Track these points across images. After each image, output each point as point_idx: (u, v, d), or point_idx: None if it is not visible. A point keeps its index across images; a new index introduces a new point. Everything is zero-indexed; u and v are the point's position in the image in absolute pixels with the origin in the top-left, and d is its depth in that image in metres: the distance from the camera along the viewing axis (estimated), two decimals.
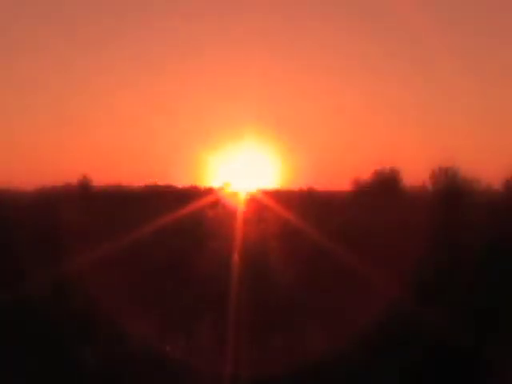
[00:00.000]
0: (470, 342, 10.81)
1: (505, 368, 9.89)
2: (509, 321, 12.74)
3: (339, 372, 9.66)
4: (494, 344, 11.17)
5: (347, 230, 39.27)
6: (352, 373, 9.55)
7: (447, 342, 11.02)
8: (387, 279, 18.40)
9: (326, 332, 11.88)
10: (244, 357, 10.48)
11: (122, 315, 13.69)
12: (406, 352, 10.58)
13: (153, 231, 38.04)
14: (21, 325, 12.72)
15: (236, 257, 23.88)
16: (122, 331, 12.13)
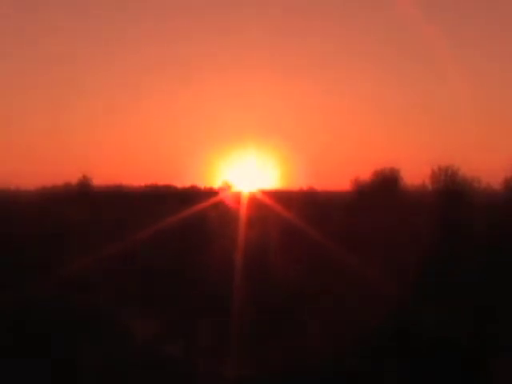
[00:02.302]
0: (470, 341, 10.84)
1: (504, 366, 9.90)
2: (508, 319, 12.78)
3: (340, 372, 9.66)
4: (492, 342, 11.20)
5: (347, 229, 39.28)
6: (352, 372, 9.53)
7: (447, 341, 11.06)
8: (387, 278, 18.45)
9: (327, 331, 11.90)
10: (245, 356, 10.47)
11: (123, 315, 13.68)
12: (406, 351, 10.60)
13: (154, 231, 38.05)
14: (22, 324, 12.76)
15: (237, 256, 23.94)
16: (123, 331, 12.11)
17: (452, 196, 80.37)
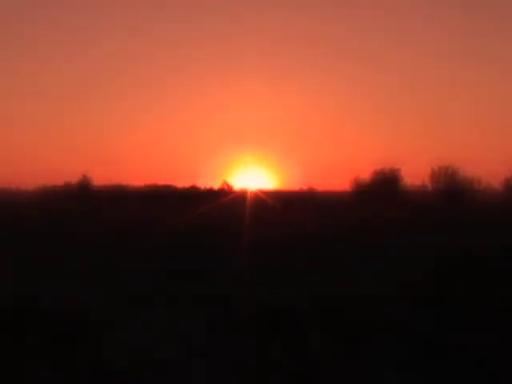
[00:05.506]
0: (469, 344, 10.91)
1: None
2: (507, 321, 12.82)
3: (339, 371, 9.69)
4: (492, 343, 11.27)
5: (347, 229, 39.43)
6: (352, 372, 9.56)
7: (446, 344, 11.11)
8: (386, 278, 18.48)
9: (327, 331, 11.94)
10: (246, 356, 10.49)
11: (123, 315, 13.72)
12: (405, 352, 10.65)
13: (154, 230, 38.19)
14: (21, 325, 12.81)
15: (238, 255, 23.99)
16: (122, 331, 12.15)
17: (452, 195, 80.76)
